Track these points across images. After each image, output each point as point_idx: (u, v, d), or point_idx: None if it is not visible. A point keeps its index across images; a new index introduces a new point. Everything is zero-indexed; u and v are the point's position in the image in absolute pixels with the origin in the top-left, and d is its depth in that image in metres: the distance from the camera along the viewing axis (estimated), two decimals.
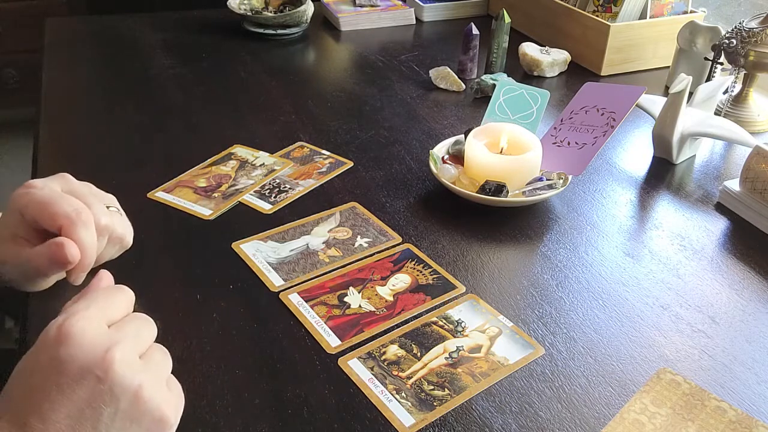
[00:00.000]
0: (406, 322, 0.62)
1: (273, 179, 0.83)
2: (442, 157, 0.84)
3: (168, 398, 0.43)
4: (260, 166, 0.85)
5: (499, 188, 0.75)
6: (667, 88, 1.13)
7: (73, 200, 0.55)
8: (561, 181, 0.78)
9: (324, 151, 0.90)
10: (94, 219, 0.55)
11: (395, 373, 0.56)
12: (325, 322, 0.61)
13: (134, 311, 0.47)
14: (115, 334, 0.42)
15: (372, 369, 0.56)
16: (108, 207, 0.60)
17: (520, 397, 0.55)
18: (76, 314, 0.41)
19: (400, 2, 1.43)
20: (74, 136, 0.92)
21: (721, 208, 0.81)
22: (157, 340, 0.46)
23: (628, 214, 0.80)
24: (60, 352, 0.39)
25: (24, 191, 0.56)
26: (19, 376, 0.41)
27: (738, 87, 1.02)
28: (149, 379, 0.41)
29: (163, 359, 0.45)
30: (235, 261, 0.69)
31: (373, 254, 0.70)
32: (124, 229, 0.61)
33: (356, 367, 0.56)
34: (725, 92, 1.03)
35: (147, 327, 0.45)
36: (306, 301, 0.63)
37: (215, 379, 0.55)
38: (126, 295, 0.46)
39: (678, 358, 0.59)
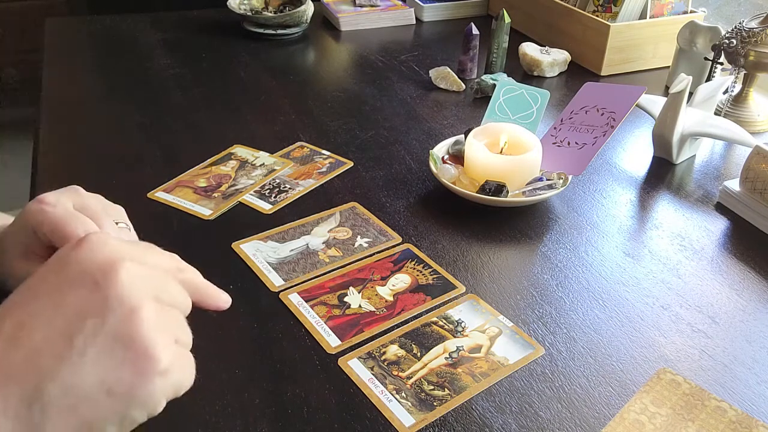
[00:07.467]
0: (406, 322, 0.62)
1: (273, 179, 0.83)
2: (442, 157, 0.84)
3: (169, 345, 0.35)
4: (260, 166, 0.85)
5: (499, 188, 0.75)
6: (667, 88, 1.13)
7: (86, 221, 0.55)
8: (561, 181, 0.78)
9: (324, 151, 0.90)
10: None
11: (395, 373, 0.56)
12: (325, 322, 0.61)
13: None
14: (140, 260, 0.36)
15: (372, 369, 0.56)
16: (117, 223, 0.60)
17: (520, 397, 0.55)
18: (106, 234, 0.37)
19: (400, 2, 1.43)
20: (74, 136, 0.92)
21: (721, 208, 0.81)
22: None
23: (628, 214, 0.80)
24: (70, 255, 0.35)
25: (37, 208, 0.55)
26: (26, 280, 0.37)
27: (738, 87, 1.02)
28: (155, 309, 0.35)
29: (183, 322, 0.38)
30: (235, 261, 0.69)
31: (373, 254, 0.70)
32: None
33: (356, 367, 0.56)
34: (725, 92, 1.03)
35: (180, 290, 0.38)
36: (306, 301, 0.63)
37: (215, 379, 0.55)
38: (169, 257, 0.40)
39: (678, 358, 0.59)
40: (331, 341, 0.59)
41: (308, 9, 1.29)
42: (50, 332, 0.33)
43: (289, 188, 0.81)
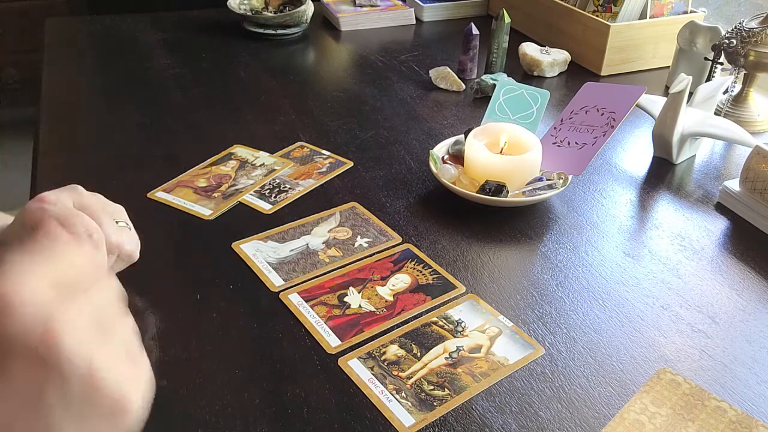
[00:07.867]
0: (406, 322, 0.62)
1: (273, 179, 0.83)
2: (442, 157, 0.84)
3: (127, 374, 0.35)
4: (260, 166, 0.85)
5: (499, 188, 0.75)
6: (667, 88, 1.13)
7: (86, 219, 0.55)
8: (561, 181, 0.78)
9: (324, 151, 0.90)
10: (105, 239, 0.55)
11: (395, 373, 0.56)
12: (325, 322, 0.61)
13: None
14: (59, 295, 0.34)
15: (372, 369, 0.56)
16: (117, 222, 0.60)
17: (520, 397, 0.55)
18: (11, 268, 0.35)
19: (400, 2, 1.43)
20: (74, 136, 0.92)
21: (721, 208, 0.81)
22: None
23: (628, 214, 0.80)
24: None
25: (37, 206, 0.55)
26: None
27: (738, 87, 1.02)
28: (105, 352, 0.34)
29: (123, 323, 0.37)
30: (235, 261, 0.69)
31: (373, 254, 0.70)
32: (132, 246, 0.61)
33: (356, 367, 0.56)
34: (725, 92, 1.03)
35: (111, 291, 0.37)
36: (306, 301, 0.63)
37: (215, 379, 0.55)
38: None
39: (678, 358, 0.59)
40: (331, 341, 0.59)
41: (308, 9, 1.29)
42: (17, 416, 0.32)
43: (289, 188, 0.81)
